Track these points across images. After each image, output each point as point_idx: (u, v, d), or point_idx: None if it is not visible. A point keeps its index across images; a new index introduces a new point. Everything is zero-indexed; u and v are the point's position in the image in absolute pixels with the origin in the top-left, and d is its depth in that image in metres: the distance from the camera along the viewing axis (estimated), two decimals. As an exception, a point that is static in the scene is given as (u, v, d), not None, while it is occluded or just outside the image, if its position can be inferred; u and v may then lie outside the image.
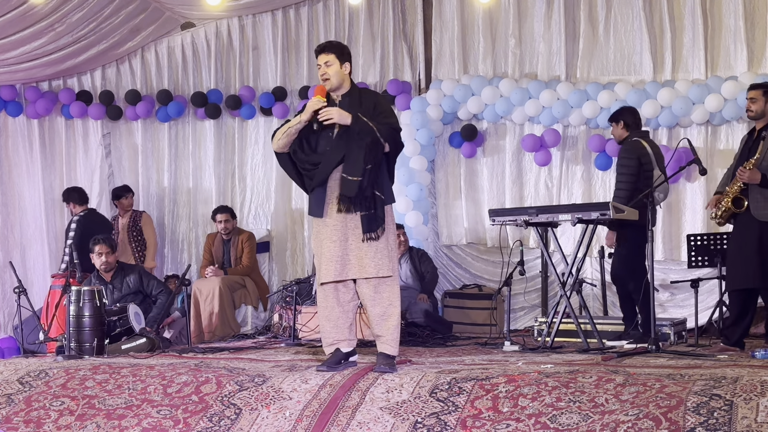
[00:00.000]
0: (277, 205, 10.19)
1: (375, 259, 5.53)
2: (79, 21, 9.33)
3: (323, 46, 5.72)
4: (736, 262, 6.50)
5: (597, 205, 6.96)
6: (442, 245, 9.82)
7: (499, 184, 9.58)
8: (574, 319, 7.10)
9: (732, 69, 8.77)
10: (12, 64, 9.63)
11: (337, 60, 5.61)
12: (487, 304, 8.73)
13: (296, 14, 10.16)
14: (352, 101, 5.63)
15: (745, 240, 6.43)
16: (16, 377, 5.73)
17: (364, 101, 5.65)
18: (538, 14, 9.42)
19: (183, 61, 10.38)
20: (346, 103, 5.63)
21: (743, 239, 6.44)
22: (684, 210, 8.87)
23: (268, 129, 10.22)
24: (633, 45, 9.15)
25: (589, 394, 4.73)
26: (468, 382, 5.04)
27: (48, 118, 10.37)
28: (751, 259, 6.34)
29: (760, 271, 6.31)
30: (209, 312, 8.77)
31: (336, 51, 5.65)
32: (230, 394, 5.23)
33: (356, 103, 5.61)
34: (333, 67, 5.61)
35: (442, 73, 9.75)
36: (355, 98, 5.66)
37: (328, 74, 5.62)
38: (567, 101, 9.02)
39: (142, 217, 9.70)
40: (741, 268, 6.43)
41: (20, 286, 7.46)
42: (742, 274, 6.41)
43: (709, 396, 4.50)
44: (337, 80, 5.63)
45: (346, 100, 5.64)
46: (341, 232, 5.58)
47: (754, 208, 6.35)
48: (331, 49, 5.66)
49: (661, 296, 8.76)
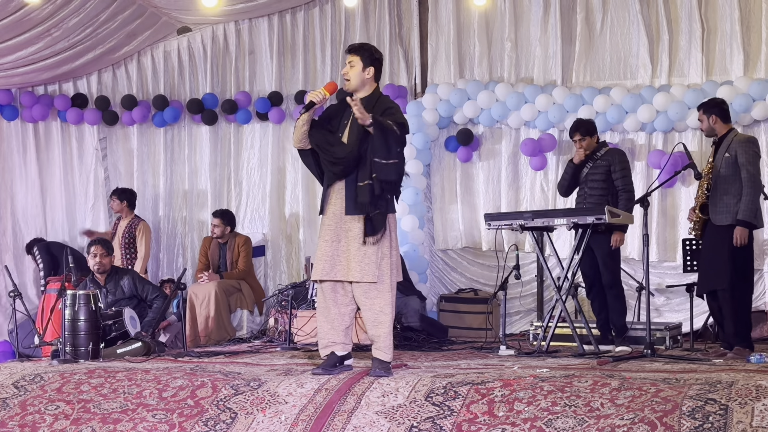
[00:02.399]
0: (272, 209, 10.19)
1: (362, 263, 5.54)
2: (75, 26, 9.34)
3: (352, 46, 5.79)
4: (703, 267, 6.84)
5: (593, 210, 6.98)
6: (438, 249, 9.82)
7: (495, 188, 9.58)
8: (570, 323, 7.11)
9: (728, 73, 8.79)
10: (8, 68, 9.62)
11: (361, 63, 5.67)
12: (482, 309, 8.74)
13: (292, 18, 10.17)
14: (368, 104, 5.63)
15: (709, 244, 6.74)
16: (11, 381, 5.71)
17: (377, 106, 5.68)
18: (535, 18, 9.43)
19: (179, 66, 10.38)
20: (362, 105, 5.63)
21: (708, 244, 6.76)
22: (679, 214, 8.87)
23: (264, 134, 10.24)
24: (629, 49, 9.17)
25: (584, 398, 4.73)
26: (463, 386, 5.04)
27: (44, 123, 10.36)
28: (715, 262, 6.61)
29: (724, 273, 6.53)
30: (205, 316, 8.76)
31: (362, 54, 5.70)
32: (226, 398, 5.23)
33: (371, 106, 5.63)
34: (355, 68, 5.67)
35: (437, 77, 9.76)
36: (371, 104, 5.66)
37: (348, 75, 5.69)
38: (563, 105, 9.03)
39: (138, 225, 9.60)
40: (707, 271, 6.73)
41: (15, 290, 7.44)
42: (710, 277, 6.69)
43: (705, 400, 4.50)
44: (356, 82, 5.69)
45: (363, 103, 5.63)
46: (334, 232, 5.63)
47: (713, 213, 6.65)
48: (358, 51, 5.72)
49: (656, 300, 8.76)
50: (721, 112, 6.78)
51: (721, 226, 6.59)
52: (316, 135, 5.70)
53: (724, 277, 6.52)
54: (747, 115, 8.51)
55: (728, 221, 6.56)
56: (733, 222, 6.53)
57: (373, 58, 5.71)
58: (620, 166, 7.35)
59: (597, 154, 7.43)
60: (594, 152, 7.45)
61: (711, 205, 6.66)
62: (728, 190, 6.59)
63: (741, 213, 6.51)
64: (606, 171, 7.36)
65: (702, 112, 6.84)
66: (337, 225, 5.62)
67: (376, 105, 5.67)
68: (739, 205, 6.53)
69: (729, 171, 6.60)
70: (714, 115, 6.76)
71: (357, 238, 5.56)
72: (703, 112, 6.83)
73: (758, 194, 6.64)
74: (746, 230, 6.52)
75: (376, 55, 5.75)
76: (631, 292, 8.18)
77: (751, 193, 6.54)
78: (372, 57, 5.71)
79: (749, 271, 6.74)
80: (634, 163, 8.94)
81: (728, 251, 6.53)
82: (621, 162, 7.38)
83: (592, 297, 7.49)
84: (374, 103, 5.67)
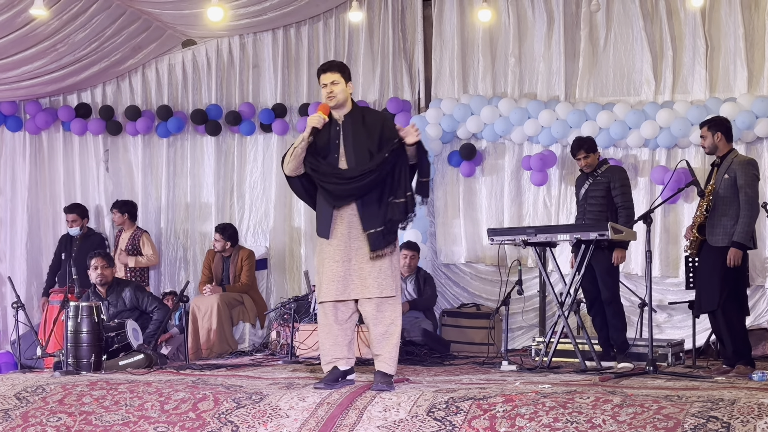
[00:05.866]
0: (276, 223, 10.20)
1: (378, 279, 5.54)
2: (81, 41, 9.38)
3: (328, 65, 5.77)
4: (699, 287, 6.82)
5: (595, 226, 6.99)
6: (441, 264, 9.82)
7: (498, 203, 9.60)
8: (572, 339, 7.10)
9: (731, 90, 8.81)
10: (13, 81, 9.67)
11: (343, 79, 5.67)
12: (485, 324, 8.72)
13: (297, 32, 10.21)
14: (355, 119, 5.67)
15: (704, 266, 6.75)
16: (13, 392, 5.71)
17: (368, 119, 5.70)
18: (539, 34, 9.46)
19: (183, 78, 10.41)
20: (349, 121, 5.67)
21: (703, 265, 6.78)
22: (681, 230, 8.85)
23: (268, 146, 10.25)
24: (633, 65, 9.20)
25: (586, 414, 4.73)
26: (465, 401, 5.04)
27: (48, 134, 10.40)
28: (709, 283, 6.64)
29: (716, 295, 6.57)
30: (207, 329, 8.76)
31: (341, 70, 5.71)
32: (227, 412, 5.22)
33: (359, 121, 5.66)
34: (339, 85, 5.66)
35: (441, 92, 9.79)
36: (358, 116, 5.70)
37: (334, 92, 5.65)
38: (566, 121, 9.05)
39: (141, 237, 9.63)
40: (703, 292, 6.73)
41: (18, 301, 7.46)
42: (705, 299, 6.69)
43: (707, 418, 4.49)
44: (342, 98, 5.68)
45: (349, 119, 5.68)
46: (344, 252, 5.59)
47: (709, 234, 6.67)
48: (336, 68, 5.72)
49: (658, 317, 8.75)
50: (726, 131, 6.80)
51: (717, 247, 6.61)
52: (311, 162, 5.66)
53: (716, 298, 6.56)
54: (750, 132, 8.52)
55: (724, 243, 6.58)
56: (729, 244, 6.55)
57: (348, 73, 5.76)
58: (620, 183, 7.37)
59: (597, 171, 7.47)
60: (595, 169, 7.48)
61: (708, 226, 6.67)
62: (726, 211, 6.60)
63: (737, 235, 6.53)
64: (606, 188, 7.39)
65: (706, 129, 6.83)
66: (347, 245, 5.58)
67: (365, 119, 5.69)
68: (735, 227, 6.55)
69: (728, 192, 6.61)
70: (720, 132, 6.76)
71: (369, 256, 5.56)
72: (707, 128, 6.83)
73: (755, 217, 6.65)
74: (740, 252, 6.54)
75: (348, 69, 5.80)
76: (633, 309, 8.18)
77: (748, 215, 6.55)
78: (348, 71, 5.76)
79: (742, 291, 6.78)
80: (637, 179, 8.96)
81: (721, 272, 6.55)
82: (621, 179, 7.40)
83: (593, 313, 7.49)
84: (361, 119, 5.69)
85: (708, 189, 6.70)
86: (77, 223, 9.53)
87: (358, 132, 5.63)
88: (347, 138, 5.62)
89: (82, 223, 9.58)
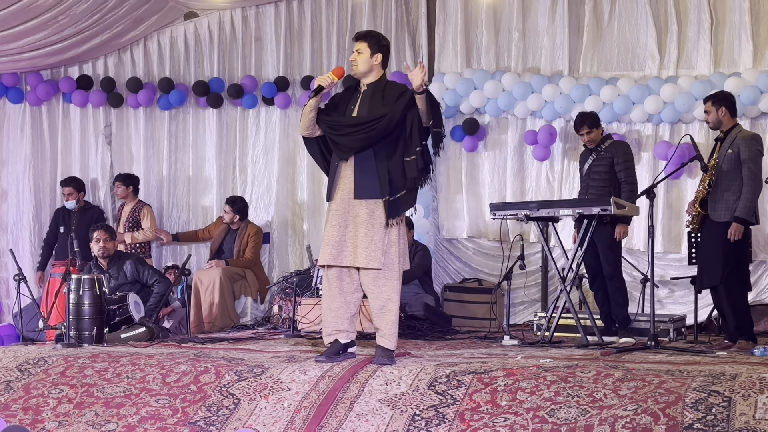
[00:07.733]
0: (278, 196, 10.17)
1: (368, 249, 5.55)
2: (83, 13, 9.32)
3: (359, 34, 5.85)
4: (701, 263, 6.82)
5: (598, 200, 6.98)
6: (443, 239, 9.80)
7: (501, 178, 9.57)
8: (574, 314, 7.11)
9: (736, 65, 8.76)
10: (14, 53, 9.62)
11: (369, 49, 5.72)
12: (486, 298, 8.73)
13: (299, 5, 10.14)
14: (377, 88, 5.74)
15: (706, 241, 6.76)
16: (15, 364, 5.73)
17: (388, 89, 5.74)
18: (543, 8, 9.40)
19: (185, 51, 10.36)
20: (370, 91, 5.74)
21: (705, 240, 6.79)
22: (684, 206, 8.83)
23: (270, 119, 10.22)
24: (637, 39, 9.13)
25: (587, 388, 4.73)
26: (467, 375, 5.04)
27: (48, 106, 10.36)
28: (711, 259, 6.64)
29: (718, 271, 6.56)
30: (209, 302, 8.77)
31: (369, 40, 5.76)
32: (229, 384, 5.24)
33: (379, 93, 5.72)
34: (363, 55, 5.73)
35: (444, 67, 9.73)
36: (380, 86, 5.76)
37: (356, 61, 5.74)
38: (569, 96, 9.00)
39: (142, 209, 9.62)
40: (703, 268, 6.75)
41: (20, 273, 7.46)
42: (707, 274, 6.69)
43: (708, 392, 4.50)
44: (363, 68, 5.74)
45: (372, 87, 5.76)
46: (342, 217, 5.64)
47: (711, 209, 6.67)
48: (365, 37, 5.79)
49: (660, 292, 8.75)
50: (730, 106, 6.78)
51: (719, 222, 6.61)
52: (325, 119, 5.76)
53: (718, 274, 6.56)
54: (755, 107, 8.48)
55: (726, 218, 6.57)
56: (731, 219, 6.54)
57: (380, 45, 5.76)
58: (623, 158, 7.37)
59: (601, 147, 7.46)
60: (598, 144, 7.47)
61: (711, 201, 6.67)
62: (729, 186, 6.60)
63: (739, 210, 6.53)
64: (609, 163, 7.38)
65: (711, 104, 6.81)
66: (345, 210, 5.63)
67: (385, 90, 5.72)
68: (738, 202, 6.53)
69: (731, 167, 6.61)
70: (724, 107, 6.74)
71: (365, 223, 5.57)
72: (711, 103, 6.81)
73: (758, 192, 6.65)
74: (742, 227, 6.54)
75: (384, 42, 5.81)
76: (635, 284, 8.18)
77: (750, 191, 6.55)
78: (379, 44, 5.76)
79: (744, 267, 6.78)
80: (641, 154, 8.92)
81: (724, 248, 6.56)
82: (624, 154, 7.40)
83: (595, 288, 7.50)
84: (382, 89, 5.73)
85: (711, 163, 6.68)
86: (73, 196, 9.55)
87: (375, 97, 5.70)
88: (364, 102, 5.71)
89: (78, 196, 9.59)
